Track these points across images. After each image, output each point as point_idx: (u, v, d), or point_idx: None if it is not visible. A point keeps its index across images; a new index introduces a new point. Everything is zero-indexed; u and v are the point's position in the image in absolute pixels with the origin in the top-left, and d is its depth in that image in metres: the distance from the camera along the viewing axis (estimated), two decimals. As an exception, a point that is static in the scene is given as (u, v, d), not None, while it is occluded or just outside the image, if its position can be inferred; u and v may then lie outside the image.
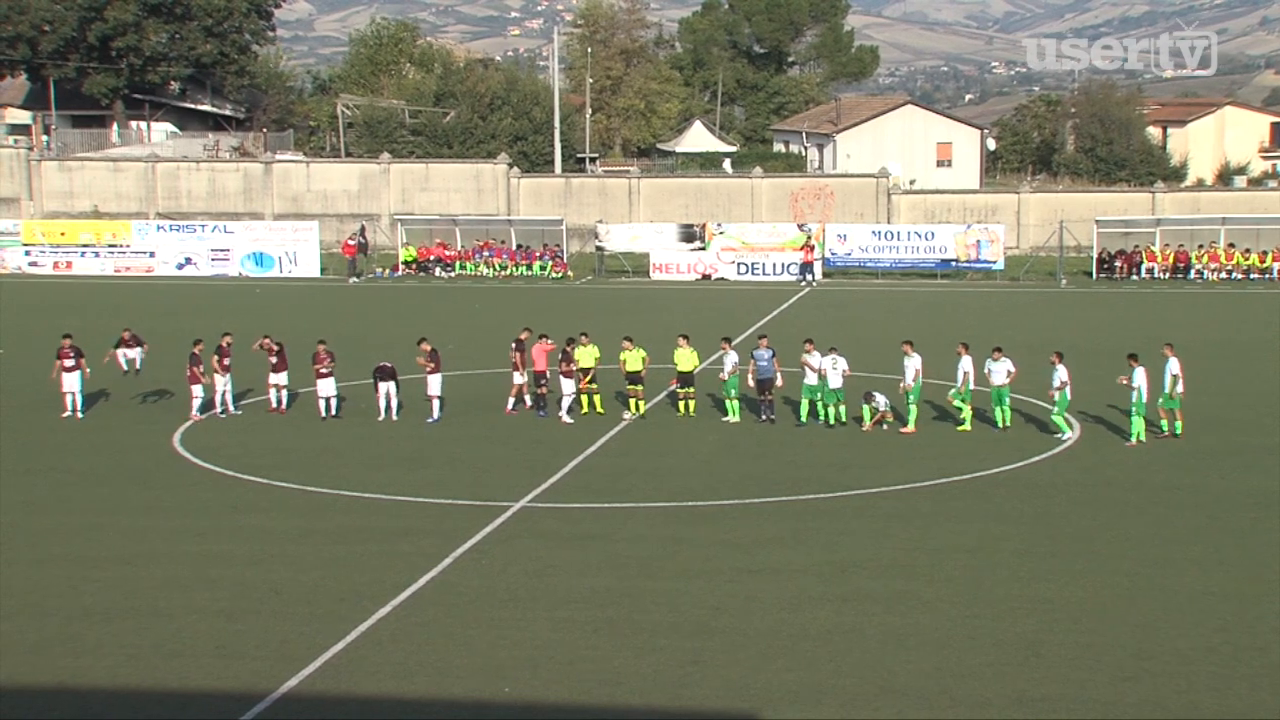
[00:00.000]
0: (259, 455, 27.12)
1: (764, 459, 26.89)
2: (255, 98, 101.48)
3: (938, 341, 34.69)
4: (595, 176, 79.77)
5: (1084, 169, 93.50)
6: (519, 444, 28.16)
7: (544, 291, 56.87)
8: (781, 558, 20.14)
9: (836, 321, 45.89)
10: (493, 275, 61.46)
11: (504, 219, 68.18)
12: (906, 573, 19.48)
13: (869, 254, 60.60)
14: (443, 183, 73.40)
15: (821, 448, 27.86)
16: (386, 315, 48.26)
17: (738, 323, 45.77)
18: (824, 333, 37.72)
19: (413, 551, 20.33)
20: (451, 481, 24.86)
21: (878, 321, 46.60)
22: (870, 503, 23.40)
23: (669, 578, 19.25)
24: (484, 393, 33.66)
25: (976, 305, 52.31)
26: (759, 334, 31.11)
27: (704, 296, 55.19)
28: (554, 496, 23.74)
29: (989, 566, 19.78)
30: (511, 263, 61.75)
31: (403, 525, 21.88)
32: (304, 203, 73.08)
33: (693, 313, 48.86)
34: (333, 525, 21.97)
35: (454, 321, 46.84)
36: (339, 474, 25.42)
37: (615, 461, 26.64)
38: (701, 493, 23.98)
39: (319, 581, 19.08)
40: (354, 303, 53.81)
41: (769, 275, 59.93)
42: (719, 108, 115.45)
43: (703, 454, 27.31)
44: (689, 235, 61.38)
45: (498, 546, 20.72)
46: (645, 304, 52.68)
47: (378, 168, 73.76)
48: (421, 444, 28.26)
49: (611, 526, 21.88)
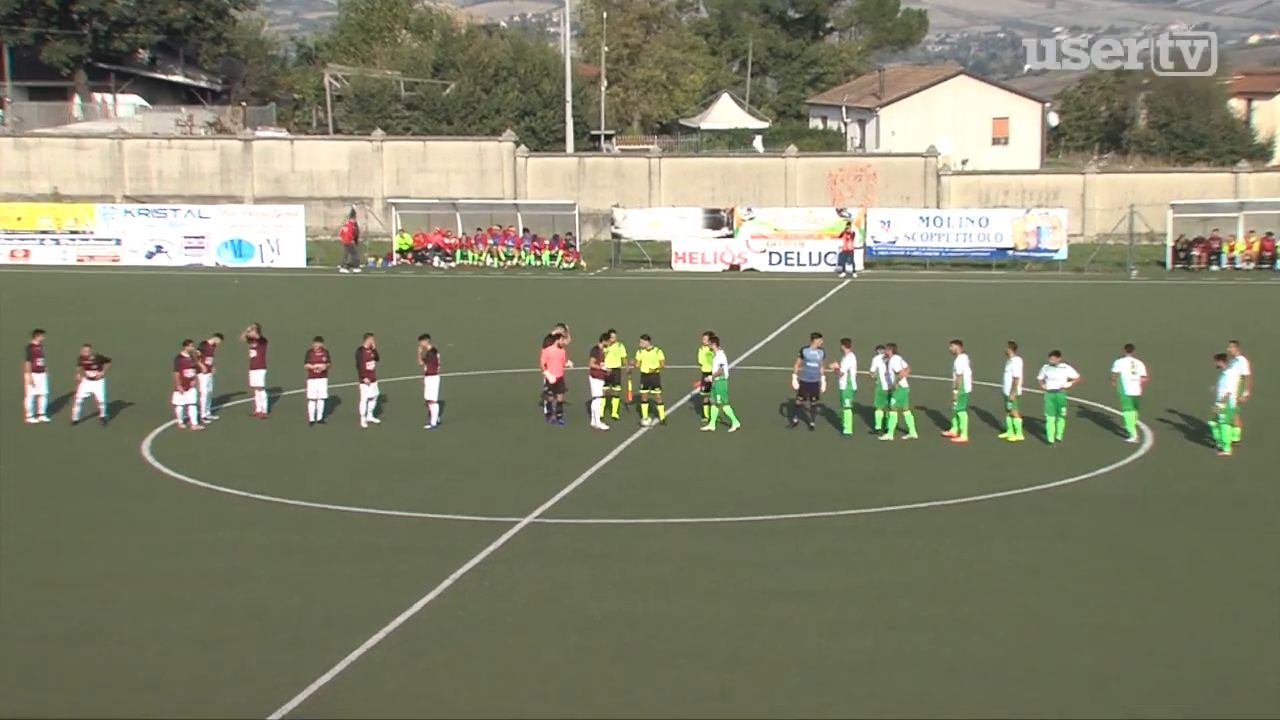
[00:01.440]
0: (238, 464, 27.20)
1: (799, 470, 26.95)
2: (233, 68, 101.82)
3: (993, 340, 34.45)
4: (611, 156, 79.79)
5: (1157, 146, 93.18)
6: (526, 453, 28.24)
7: (554, 284, 56.98)
8: (818, 579, 20.21)
9: (878, 316, 45.91)
10: (497, 265, 61.54)
11: (510, 203, 68.23)
12: (958, 596, 19.51)
13: (915, 242, 60.56)
14: (442, 163, 73.54)
15: (863, 458, 27.86)
16: (379, 309, 48.41)
17: (769, 319, 45.89)
18: (865, 330, 37.79)
19: (409, 571, 20.40)
20: (451, 494, 24.95)
21: (925, 317, 46.59)
22: (918, 519, 23.45)
23: (693, 601, 19.29)
24: (487, 396, 33.79)
25: (1036, 299, 52.23)
26: (813, 332, 31.13)
27: (732, 289, 55.21)
28: (565, 510, 23.80)
29: (1050, 590, 19.78)
30: (518, 251, 61.89)
31: (397, 542, 21.99)
32: (287, 185, 73.29)
33: (719, 308, 48.87)
34: (320, 542, 22.08)
35: (454, 317, 46.96)
36: (327, 485, 25.53)
37: (633, 472, 26.72)
38: (729, 507, 24.01)
39: (304, 605, 19.14)
40: (343, 296, 53.98)
41: (804, 266, 59.96)
42: (749, 79, 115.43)
43: (730, 463, 27.40)
44: (715, 221, 61.41)
45: (503, 566, 20.80)
46: (666, 298, 52.75)
47: (369, 146, 73.94)
48: (419, 452, 28.35)
49: (629, 544, 21.99)
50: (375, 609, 18.83)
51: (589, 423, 30.38)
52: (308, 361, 30.72)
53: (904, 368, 29.26)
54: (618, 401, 31.10)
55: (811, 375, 29.87)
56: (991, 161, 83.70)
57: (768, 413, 31.70)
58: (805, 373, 29.94)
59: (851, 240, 59.36)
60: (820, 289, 54.10)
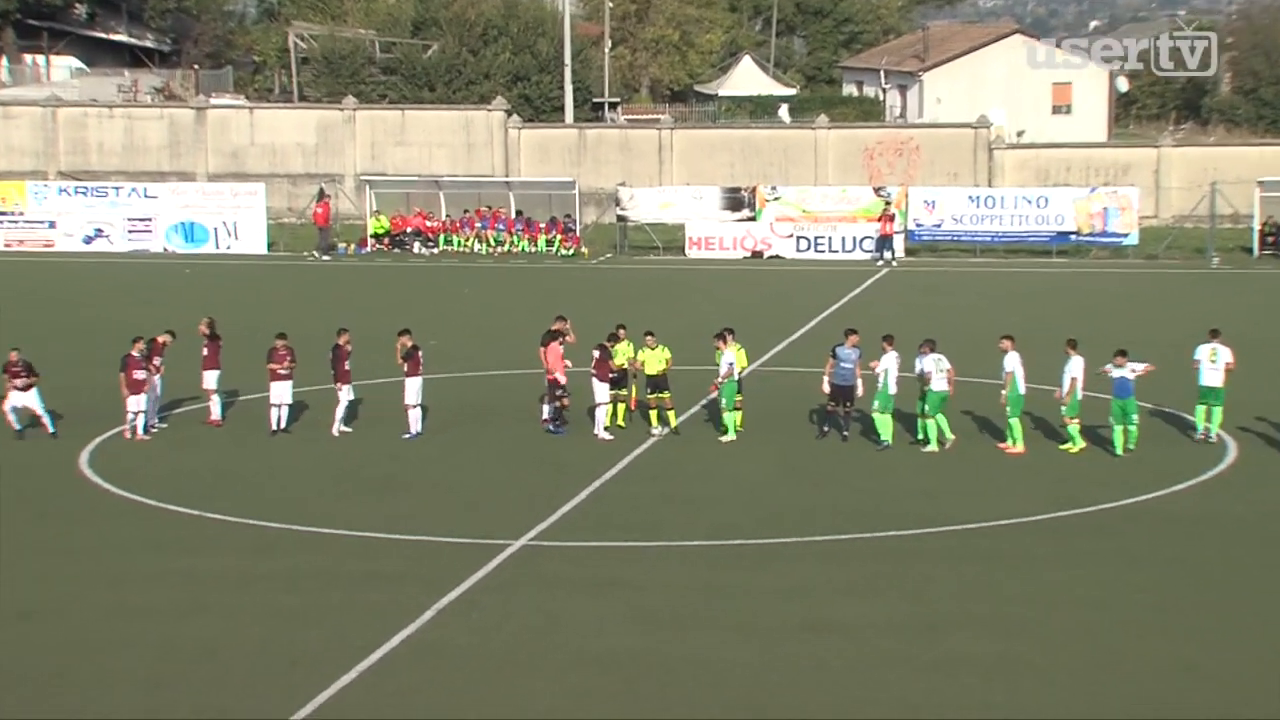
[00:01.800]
0: (189, 479, 27.23)
1: (831, 486, 26.96)
2: (184, 26, 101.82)
3: (1052, 338, 34.49)
4: (616, 127, 79.85)
5: (1243, 116, 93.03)
6: (520, 466, 28.26)
7: (551, 273, 57.01)
8: (853, 611, 20.20)
9: (921, 310, 45.87)
10: (486, 252, 61.66)
11: (500, 180, 68.29)
12: (1013, 631, 19.48)
13: (964, 225, 60.61)
14: (423, 135, 73.60)
15: (904, 472, 27.86)
16: (351, 302, 48.45)
17: (796, 313, 45.90)
18: (907, 325, 37.77)
19: (385, 602, 20.42)
20: (433, 513, 24.96)
21: (974, 311, 46.54)
22: (966, 541, 23.47)
23: (710, 636, 19.28)
24: (475, 400, 33.81)
25: (1101, 291, 52.21)
26: (847, 328, 31.10)
27: (754, 280, 55.26)
28: (564, 532, 23.85)
29: (1118, 624, 19.77)
30: (510, 236, 61.97)
31: (372, 568, 22.00)
32: (246, 160, 73.40)
33: (739, 301, 48.91)
34: (283, 568, 22.09)
35: (437, 310, 46.90)
36: (291, 503, 25.57)
37: (641, 488, 26.75)
38: (751, 528, 24.01)
39: (266, 640, 19.15)
40: (310, 286, 54.11)
41: (836, 252, 59.99)
42: (773, 39, 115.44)
43: (753, 478, 27.42)
44: (735, 202, 61.46)
45: (492, 595, 20.82)
46: (679, 289, 52.79)
47: (340, 116, 74.04)
48: (397, 465, 28.39)
49: (636, 571, 22.00)
50: (347, 645, 18.83)
51: (591, 431, 30.46)
52: (270, 361, 30.72)
53: (948, 369, 29.36)
54: (623, 408, 31.24)
55: (845, 377, 29.91)
56: (1051, 133, 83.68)
57: (795, 421, 31.70)
58: (838, 374, 29.97)
59: (891, 223, 59.36)
60: (855, 279, 54.08)
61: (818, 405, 31.23)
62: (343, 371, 30.55)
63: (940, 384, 29.21)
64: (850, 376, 29.85)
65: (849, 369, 29.85)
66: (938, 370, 29.17)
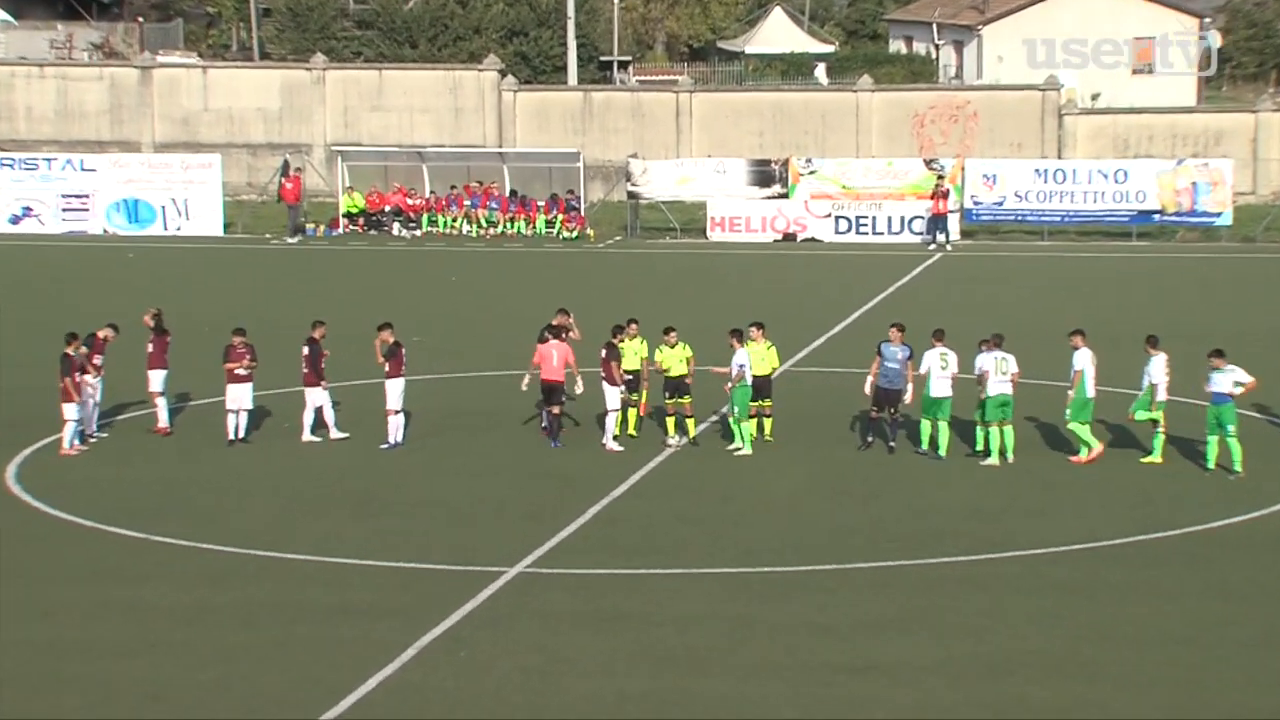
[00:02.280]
0: (133, 496, 27.22)
1: (875, 503, 26.96)
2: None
3: (1132, 333, 34.52)
4: (627, 90, 79.68)
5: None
6: (515, 481, 28.30)
7: (551, 259, 57.00)
8: (900, 650, 20.12)
9: (980, 301, 45.76)
10: (477, 234, 61.65)
11: (493, 151, 68.31)
12: (1085, 674, 19.35)
13: (1030, 203, 60.62)
14: (403, 99, 73.56)
15: (960, 488, 27.84)
16: (320, 292, 48.40)
17: (835, 305, 45.84)
18: (964, 318, 37.61)
19: (359, 639, 20.40)
20: (416, 535, 24.96)
21: (1040, 302, 46.43)
22: (1031, 569, 23.41)
23: (734, 678, 19.21)
24: (464, 405, 33.87)
25: (1190, 279, 52.10)
26: (893, 322, 30.93)
27: (786, 266, 55.23)
28: (566, 558, 23.84)
29: (1209, 663, 19.69)
30: (504, 216, 61.98)
31: (345, 600, 21.96)
32: (199, 127, 73.38)
33: (769, 291, 48.83)
34: (241, 600, 22.05)
35: (421, 302, 46.86)
36: (251, 524, 25.58)
37: (655, 507, 26.76)
38: (782, 553, 24.01)
39: (220, 683, 19.04)
40: (273, 274, 54.15)
41: (881, 235, 60.06)
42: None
43: (784, 495, 27.47)
44: (764, 176, 61.44)
45: (484, 632, 20.80)
46: (699, 277, 52.72)
47: (308, 77, 73.98)
48: (374, 479, 28.41)
49: (650, 602, 21.95)
50: (316, 688, 18.73)
51: (598, 441, 30.47)
52: (226, 361, 30.69)
53: (1014, 371, 29.32)
54: (635, 414, 31.27)
55: (891, 379, 29.91)
56: (1131, 96, 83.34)
57: (833, 429, 31.75)
58: (884, 375, 29.94)
59: (945, 201, 59.30)
60: (903, 265, 54.06)
61: (860, 411, 31.28)
62: (319, 371, 30.65)
63: (1000, 386, 29.20)
64: (897, 378, 29.87)
65: (895, 369, 29.86)
66: (998, 371, 29.19)
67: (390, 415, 30.53)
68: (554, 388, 30.54)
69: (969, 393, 29.97)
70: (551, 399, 30.63)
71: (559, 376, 30.48)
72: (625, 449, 30.25)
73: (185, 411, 32.73)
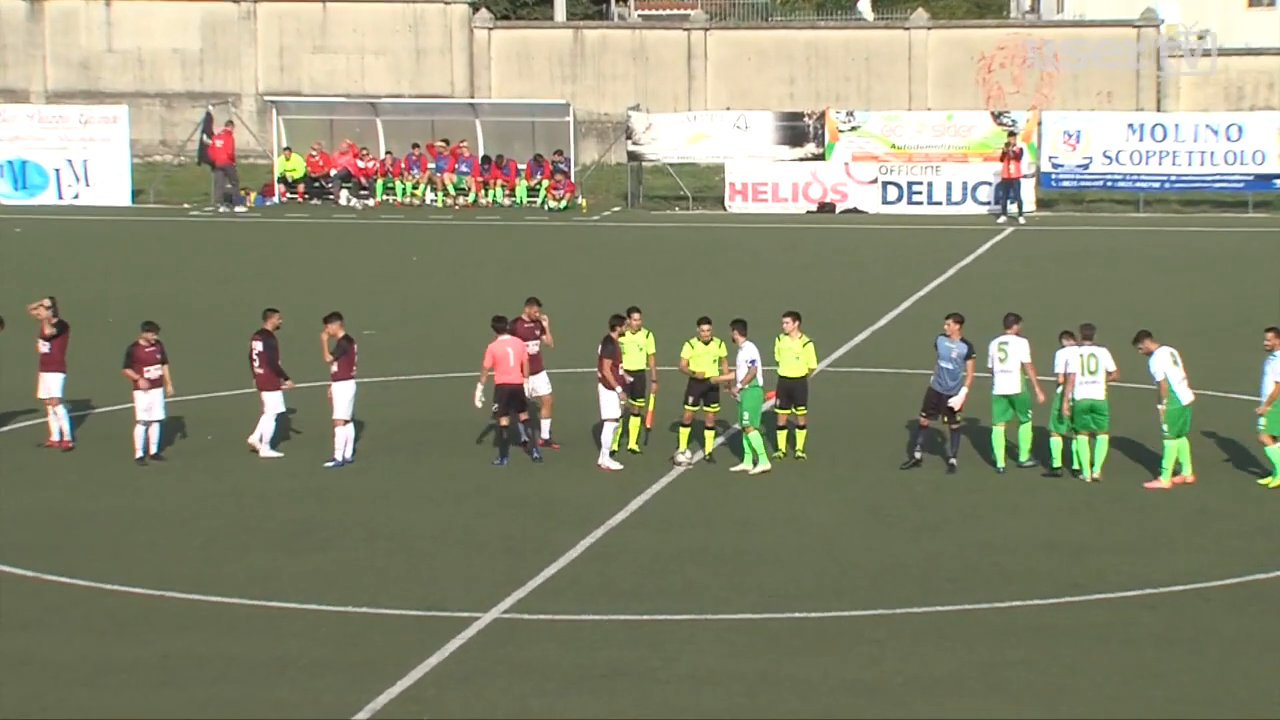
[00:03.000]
0: (22, 525, 27.09)
1: (931, 535, 26.82)
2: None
3: (1249, 321, 34.48)
4: (627, 27, 79.70)
5: None
6: (490, 508, 28.23)
7: (535, 234, 57.00)
8: (961, 715, 19.98)
9: (1059, 286, 45.52)
10: (443, 204, 61.90)
11: (463, 102, 68.44)
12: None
13: (1121, 166, 60.74)
14: (352, 38, 73.55)
15: (1032, 515, 27.76)
16: (250, 275, 48.35)
17: (883, 290, 45.83)
18: (1040, 306, 37.29)
19: (300, 700, 20.18)
20: (370, 574, 24.84)
21: (1135, 286, 46.29)
22: (1122, 615, 23.28)
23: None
24: (428, 413, 33.87)
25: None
26: (950, 313, 30.83)
27: (823, 243, 55.17)
28: (552, 602, 23.73)
29: (1344, 733, 19.46)
30: (476, 182, 62.06)
31: (282, 652, 21.76)
32: (101, 73, 73.42)
33: (802, 274, 48.72)
34: (156, 653, 21.74)
35: (375, 288, 46.87)
36: (168, 560, 25.45)
37: (661, 540, 26.63)
38: (816, 596, 23.87)
39: (130, 752, 18.90)
40: (192, 252, 53.93)
41: (939, 205, 60.26)
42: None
43: (819, 525, 27.40)
44: (796, 134, 61.51)
45: (452, 691, 20.58)
46: (715, 257, 52.57)
47: (234, 10, 73.99)
48: (318, 505, 28.34)
49: (655, 656, 21.74)
50: (246, 760, 18.50)
51: (594, 459, 30.47)
52: (133, 363, 30.51)
53: (1111, 369, 29.36)
54: (638, 424, 31.26)
55: (944, 381, 29.95)
56: (1247, 35, 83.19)
57: (880, 443, 31.80)
58: (937, 377, 30.06)
59: (1017, 163, 59.28)
60: (965, 242, 54.01)
61: (911, 420, 31.44)
62: (279, 370, 30.75)
63: (1089, 389, 29.25)
64: (951, 380, 29.88)
65: (949, 369, 29.93)
66: (1085, 370, 29.24)
67: (338, 426, 30.42)
68: (513, 392, 30.52)
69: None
70: (511, 406, 30.61)
71: (517, 378, 30.50)
72: (625, 467, 30.20)
73: (86, 422, 32.67)
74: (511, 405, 30.58)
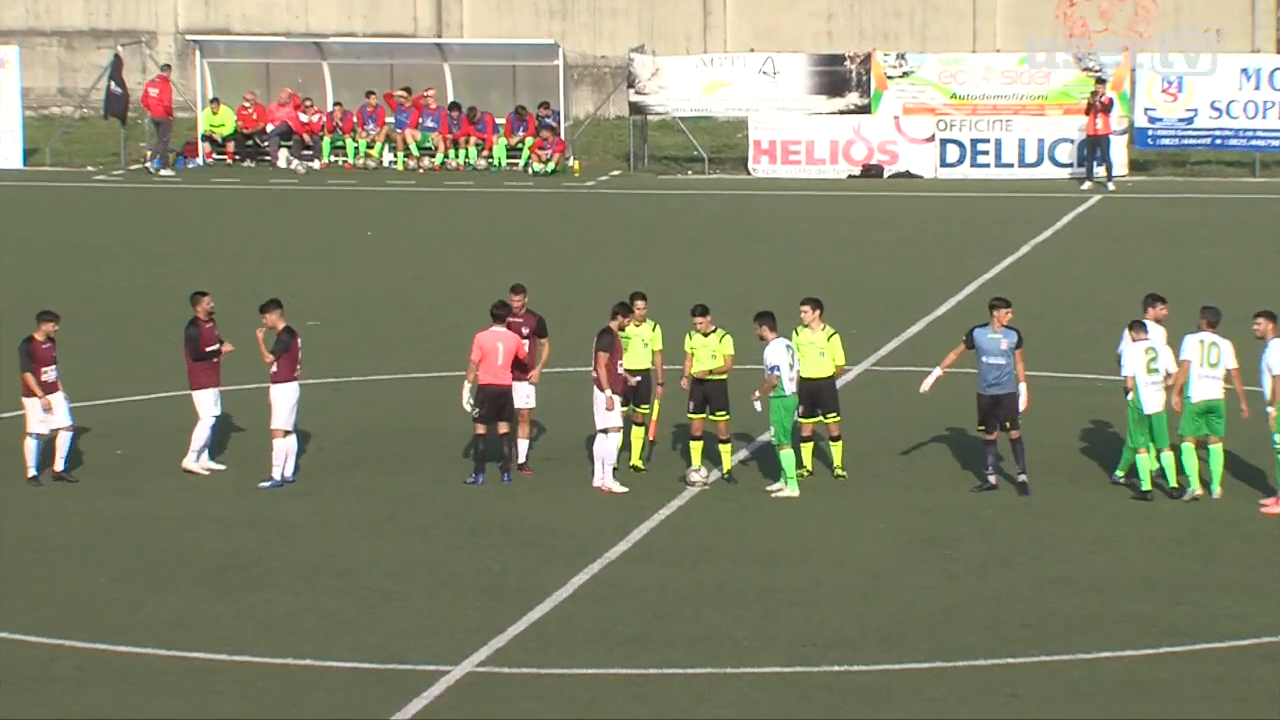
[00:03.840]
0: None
1: (999, 571, 27.04)
2: None
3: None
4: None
5: None
6: (462, 537, 28.54)
7: (517, 203, 57.76)
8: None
9: (1156, 266, 45.34)
10: (403, 166, 62.64)
11: (428, 43, 69.08)
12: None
13: (1233, 120, 61.07)
14: (291, -37, 73.96)
15: (1121, 545, 28.03)
16: (169, 255, 48.86)
17: (942, 273, 46.48)
18: (1127, 291, 37.63)
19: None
20: (315, 618, 24.99)
21: (1249, 267, 46.75)
22: (1235, 668, 23.25)
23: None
24: (386, 422, 34.28)
25: None
26: (995, 298, 31.26)
27: (868, 215, 55.79)
28: (538, 652, 23.75)
29: None
30: (445, 139, 62.68)
31: (208, 714, 21.82)
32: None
33: (841, 253, 49.57)
34: (52, 714, 21.75)
35: (322, 269, 47.62)
36: (69, 601, 25.56)
37: (670, 577, 26.74)
38: (859, 645, 23.96)
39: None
40: (99, 226, 54.40)
41: (1009, 167, 61.03)
42: None
43: (862, 559, 27.63)
44: (835, 81, 62.12)
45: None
46: (736, 233, 53.10)
47: (147, -70, 74.21)
48: (253, 534, 28.64)
49: (664, 716, 21.91)
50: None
51: (591, 478, 30.79)
52: (29, 363, 30.56)
53: (1230, 366, 29.79)
54: (642, 437, 31.58)
55: (996, 380, 30.27)
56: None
57: (935, 456, 32.36)
58: (984, 377, 30.33)
59: (1106, 117, 59.51)
60: (1043, 213, 54.47)
61: (975, 432, 31.55)
62: (209, 367, 30.90)
63: (1209, 388, 29.63)
64: (1003, 378, 30.16)
65: (998, 366, 30.19)
66: (1204, 362, 29.56)
67: (276, 438, 30.72)
68: (497, 396, 30.79)
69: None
70: (496, 412, 30.86)
71: (505, 379, 30.73)
72: (629, 489, 30.42)
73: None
74: (494, 412, 30.66)
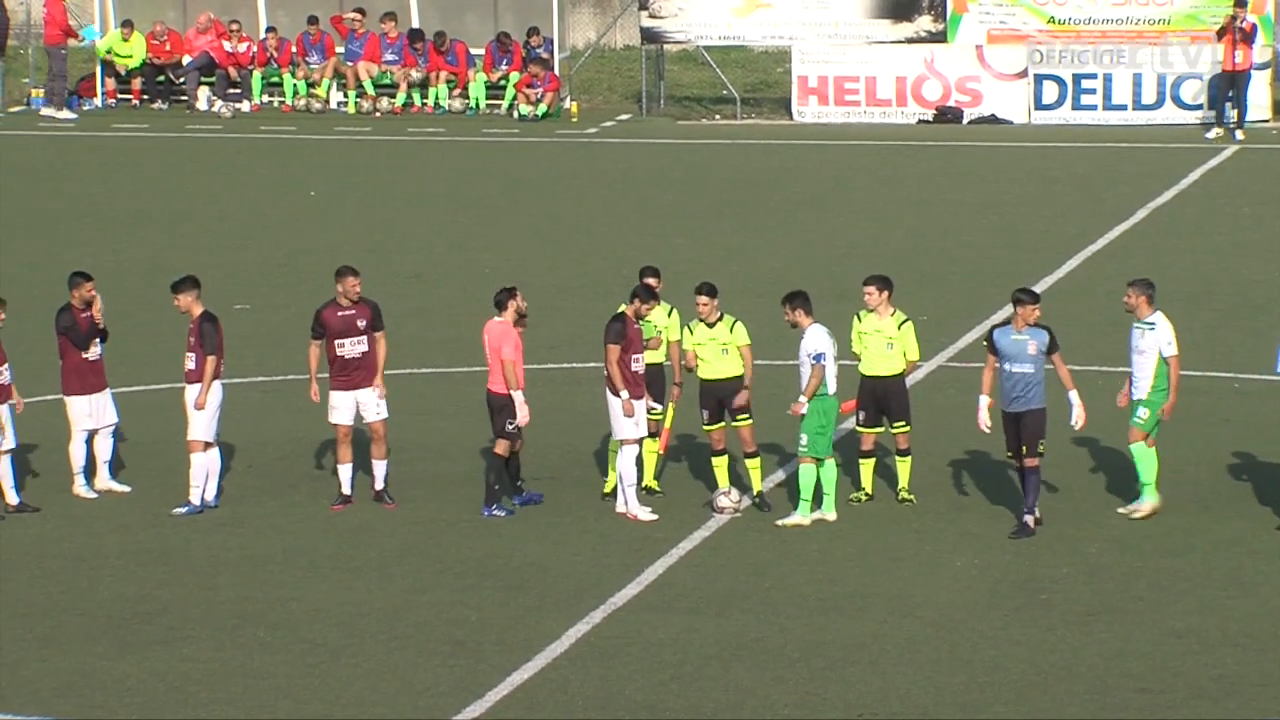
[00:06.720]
0: None
1: (1108, 621, 26.21)
2: None
3: None
4: None
5: None
6: (429, 578, 27.80)
7: (501, 155, 57.18)
8: None
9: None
10: (355, 108, 61.94)
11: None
12: None
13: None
14: None
15: (1264, 588, 27.24)
16: (56, 219, 48.43)
17: (1036, 244, 46.47)
18: (1269, 266, 37.53)
19: None
20: (243, 679, 24.27)
21: None
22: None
23: None
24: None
25: None
26: (1019, 291, 30.25)
27: (943, 170, 55.27)
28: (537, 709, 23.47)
29: None
30: (406, 75, 61.28)
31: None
32: None
33: (908, 219, 48.23)
34: None
35: (254, 236, 46.93)
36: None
37: (691, 627, 26.03)
38: (933, 711, 23.44)
39: None
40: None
41: (1121, 109, 59.99)
42: None
43: (937, 605, 26.91)
44: (900, 1, 60.12)
45: None
46: (776, 193, 52.05)
47: None
48: (165, 573, 27.88)
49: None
50: None
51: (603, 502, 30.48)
52: None
53: None
54: (654, 450, 31.02)
55: (1018, 392, 29.32)
56: None
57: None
58: (1006, 391, 29.28)
59: (1247, 47, 58.46)
60: (1165, 167, 54.36)
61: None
62: (87, 367, 30.40)
63: None
64: (1030, 391, 29.22)
65: (1025, 375, 29.26)
66: None
67: (194, 451, 30.04)
68: (493, 403, 30.30)
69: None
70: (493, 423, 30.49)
71: (497, 385, 30.30)
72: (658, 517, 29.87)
73: None
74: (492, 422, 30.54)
